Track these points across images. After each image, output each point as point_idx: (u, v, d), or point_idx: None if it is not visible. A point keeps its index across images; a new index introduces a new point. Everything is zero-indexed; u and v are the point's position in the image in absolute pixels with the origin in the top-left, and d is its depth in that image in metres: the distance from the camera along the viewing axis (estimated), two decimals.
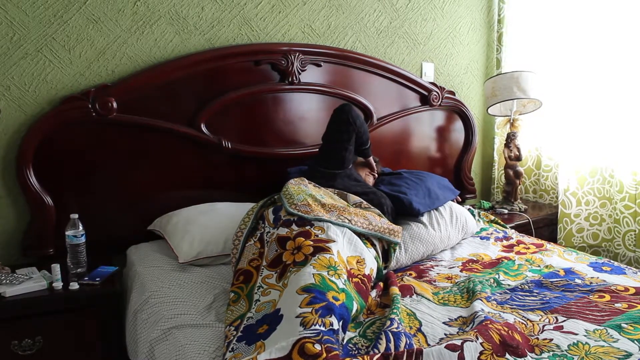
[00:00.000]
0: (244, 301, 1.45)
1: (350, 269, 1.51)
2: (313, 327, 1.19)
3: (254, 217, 1.70)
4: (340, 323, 1.26)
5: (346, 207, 1.74)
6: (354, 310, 1.36)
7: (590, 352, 1.21)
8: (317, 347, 1.13)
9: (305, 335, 1.16)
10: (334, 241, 1.53)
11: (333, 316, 1.24)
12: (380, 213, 1.83)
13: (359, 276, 1.51)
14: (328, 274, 1.39)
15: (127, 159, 1.96)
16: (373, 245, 1.69)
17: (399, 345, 1.20)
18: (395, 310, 1.38)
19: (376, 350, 1.20)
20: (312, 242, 1.50)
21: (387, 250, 1.77)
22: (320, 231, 1.57)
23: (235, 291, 1.49)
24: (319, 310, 1.24)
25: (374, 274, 1.62)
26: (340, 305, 1.30)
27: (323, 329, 1.19)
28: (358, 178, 2.04)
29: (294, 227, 1.59)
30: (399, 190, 2.05)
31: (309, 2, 2.29)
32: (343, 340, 1.28)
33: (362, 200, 1.85)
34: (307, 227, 1.58)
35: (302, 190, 1.75)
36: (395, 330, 1.27)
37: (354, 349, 1.27)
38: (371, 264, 1.60)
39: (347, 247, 1.57)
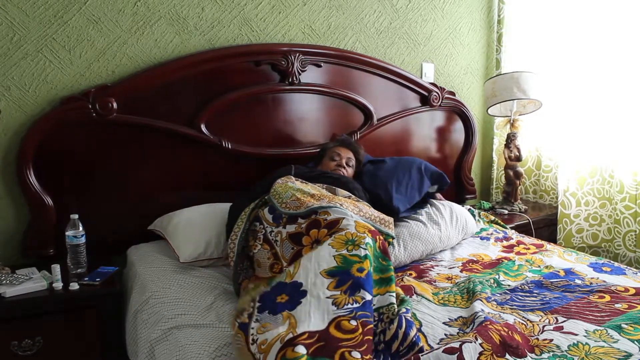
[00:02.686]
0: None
1: (374, 229, 1.53)
2: (345, 307, 1.23)
3: (247, 220, 1.70)
4: (371, 286, 1.31)
5: (334, 196, 1.75)
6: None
7: (590, 353, 1.21)
8: (353, 322, 1.18)
9: (339, 314, 1.21)
10: (344, 218, 1.52)
11: (362, 290, 1.28)
12: (369, 205, 1.83)
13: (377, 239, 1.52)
14: (347, 250, 1.39)
15: (127, 159, 1.96)
16: None
17: (408, 333, 1.22)
18: (408, 305, 1.39)
19: (382, 336, 1.23)
20: (325, 229, 1.50)
21: None
22: (326, 215, 1.56)
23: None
24: (347, 291, 1.28)
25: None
26: (367, 274, 1.32)
27: (356, 305, 1.23)
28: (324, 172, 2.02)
29: (300, 220, 1.58)
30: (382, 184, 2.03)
31: (309, 2, 2.30)
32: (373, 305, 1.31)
33: (351, 195, 1.85)
34: (313, 216, 1.57)
35: (289, 187, 1.75)
36: (409, 318, 1.28)
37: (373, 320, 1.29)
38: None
39: (360, 219, 1.57)
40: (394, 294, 1.39)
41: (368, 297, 1.26)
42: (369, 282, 1.30)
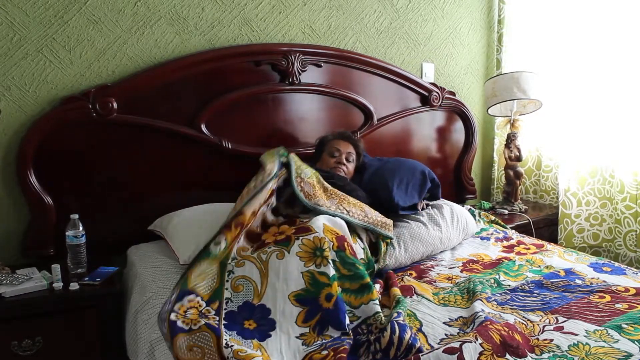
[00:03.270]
0: (216, 269, 1.42)
1: (342, 235, 1.54)
2: (315, 343, 1.27)
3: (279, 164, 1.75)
4: (340, 317, 1.33)
5: (346, 196, 1.75)
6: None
7: (590, 353, 1.21)
8: (324, 352, 1.21)
9: (310, 350, 1.25)
10: (314, 223, 1.54)
11: (330, 328, 1.31)
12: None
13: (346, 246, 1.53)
14: (316, 264, 1.40)
15: (127, 159, 1.96)
16: (360, 238, 1.71)
17: (403, 337, 1.22)
18: (402, 307, 1.40)
19: (378, 345, 1.24)
20: (294, 228, 1.54)
21: (375, 243, 1.78)
22: (306, 219, 1.60)
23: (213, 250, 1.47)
24: (315, 328, 1.32)
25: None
26: (335, 303, 1.34)
27: (325, 340, 1.28)
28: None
29: (280, 218, 1.63)
30: (382, 182, 2.03)
31: (309, 2, 2.29)
32: (351, 323, 1.35)
33: None
34: (294, 218, 1.62)
35: (308, 166, 1.78)
36: (401, 322, 1.29)
37: (362, 333, 1.33)
38: (360, 254, 1.63)
39: (330, 223, 1.59)
40: (377, 301, 1.41)
41: (336, 334, 1.30)
42: (338, 312, 1.33)
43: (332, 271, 1.41)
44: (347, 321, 1.34)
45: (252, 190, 1.65)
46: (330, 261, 1.43)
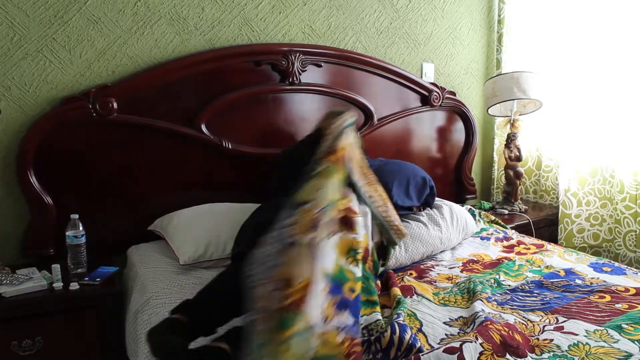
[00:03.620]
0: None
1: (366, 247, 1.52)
2: (332, 324, 1.19)
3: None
4: (357, 311, 1.30)
5: (376, 183, 1.69)
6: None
7: (590, 353, 1.21)
8: (341, 336, 1.15)
9: (325, 329, 1.17)
10: (359, 215, 1.49)
11: (347, 310, 1.25)
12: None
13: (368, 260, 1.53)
14: (347, 261, 1.38)
15: (127, 159, 1.96)
16: (371, 239, 1.70)
17: (403, 337, 1.22)
18: (402, 308, 1.40)
19: (378, 345, 1.23)
20: (341, 209, 1.43)
21: (385, 246, 1.77)
22: (348, 201, 1.49)
23: None
24: (334, 305, 1.24)
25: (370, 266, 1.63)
26: (355, 298, 1.31)
27: (340, 322, 1.20)
28: None
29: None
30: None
31: (310, 2, 2.29)
32: (360, 325, 1.33)
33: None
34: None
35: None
36: (401, 322, 1.29)
37: (364, 336, 1.31)
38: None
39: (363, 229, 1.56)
40: (379, 313, 1.41)
41: (350, 321, 1.24)
42: (357, 305, 1.30)
43: (359, 272, 1.39)
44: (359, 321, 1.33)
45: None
46: (360, 265, 1.42)
